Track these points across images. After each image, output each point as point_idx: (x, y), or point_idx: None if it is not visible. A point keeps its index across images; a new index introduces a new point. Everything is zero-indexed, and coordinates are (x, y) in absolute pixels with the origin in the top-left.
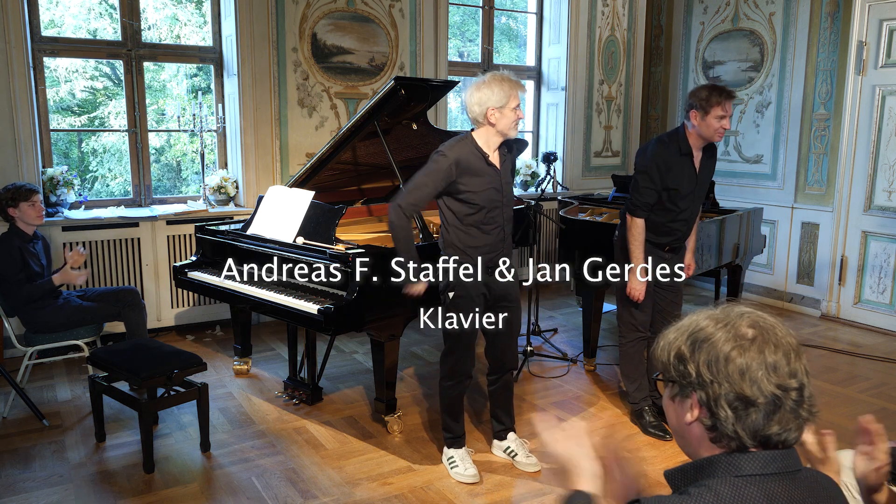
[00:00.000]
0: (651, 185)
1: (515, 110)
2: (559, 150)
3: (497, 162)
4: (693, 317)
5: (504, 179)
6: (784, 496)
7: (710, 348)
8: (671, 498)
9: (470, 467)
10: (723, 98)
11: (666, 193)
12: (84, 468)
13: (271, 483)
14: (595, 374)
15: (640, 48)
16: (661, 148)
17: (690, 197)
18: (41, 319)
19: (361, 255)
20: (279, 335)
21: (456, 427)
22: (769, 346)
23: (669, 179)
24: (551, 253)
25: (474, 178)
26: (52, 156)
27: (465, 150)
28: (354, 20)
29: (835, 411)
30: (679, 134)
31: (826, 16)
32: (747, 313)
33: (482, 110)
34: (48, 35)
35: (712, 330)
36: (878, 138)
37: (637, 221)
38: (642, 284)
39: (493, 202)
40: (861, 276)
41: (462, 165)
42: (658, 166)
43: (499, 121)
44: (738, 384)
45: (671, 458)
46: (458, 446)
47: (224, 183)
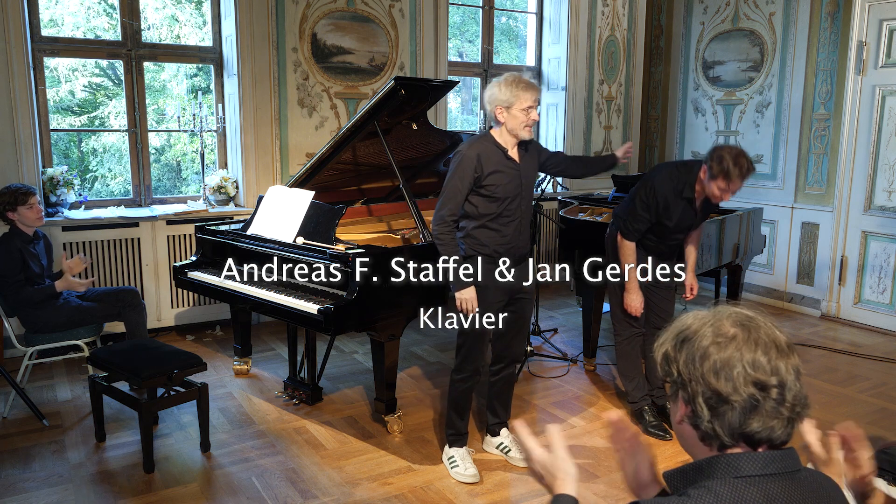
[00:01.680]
0: (647, 215)
1: (526, 112)
2: (559, 150)
3: (517, 157)
4: (685, 316)
5: (524, 174)
6: (783, 497)
7: (689, 346)
8: (671, 499)
9: (470, 467)
10: (734, 176)
11: (658, 226)
12: (84, 468)
13: (271, 483)
14: (595, 374)
15: (640, 48)
16: (669, 186)
17: (683, 227)
18: (41, 319)
19: (361, 255)
20: (279, 335)
21: (460, 424)
22: (749, 343)
23: (665, 216)
24: (551, 253)
25: (495, 170)
26: (52, 156)
27: (484, 145)
28: (354, 20)
29: (835, 411)
30: (690, 179)
31: (826, 16)
32: (735, 312)
33: (492, 108)
34: (48, 35)
35: (697, 328)
36: (878, 138)
37: (627, 244)
38: (638, 300)
39: (513, 195)
40: (861, 276)
41: (483, 159)
42: (658, 202)
43: (507, 120)
44: (712, 381)
45: (671, 458)
46: (459, 445)
47: (224, 183)
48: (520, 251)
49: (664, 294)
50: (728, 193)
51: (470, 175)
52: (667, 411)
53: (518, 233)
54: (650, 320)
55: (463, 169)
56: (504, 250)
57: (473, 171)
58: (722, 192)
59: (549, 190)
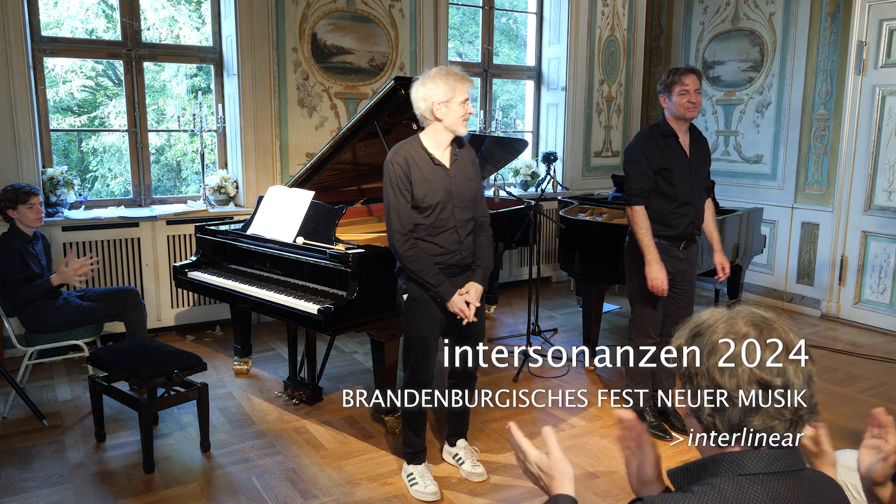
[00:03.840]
0: (641, 171)
1: (463, 105)
2: (559, 150)
3: (447, 161)
4: (703, 313)
5: (453, 179)
6: (787, 495)
7: (700, 341)
8: (675, 496)
9: (430, 484)
10: (679, 74)
11: (659, 176)
12: (84, 468)
13: (271, 483)
14: (595, 374)
15: (640, 48)
16: (643, 136)
17: (687, 177)
18: (41, 319)
19: (361, 255)
20: (279, 335)
21: (416, 441)
22: (760, 343)
23: (658, 160)
24: (551, 253)
25: (421, 178)
26: (52, 156)
27: (410, 150)
28: (354, 20)
29: (835, 411)
30: (659, 122)
31: (826, 16)
32: (752, 312)
33: (427, 106)
34: (48, 35)
35: (711, 323)
36: (878, 138)
37: (637, 209)
38: (661, 272)
39: (443, 202)
40: (861, 276)
41: (409, 165)
42: (644, 151)
43: (445, 116)
44: (717, 376)
45: (671, 458)
46: (417, 462)
47: (224, 183)
48: (463, 261)
49: (684, 303)
50: (692, 94)
51: (404, 185)
52: (667, 412)
53: (458, 243)
54: (665, 330)
55: (392, 177)
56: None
57: (405, 178)
58: (685, 94)
59: (549, 190)
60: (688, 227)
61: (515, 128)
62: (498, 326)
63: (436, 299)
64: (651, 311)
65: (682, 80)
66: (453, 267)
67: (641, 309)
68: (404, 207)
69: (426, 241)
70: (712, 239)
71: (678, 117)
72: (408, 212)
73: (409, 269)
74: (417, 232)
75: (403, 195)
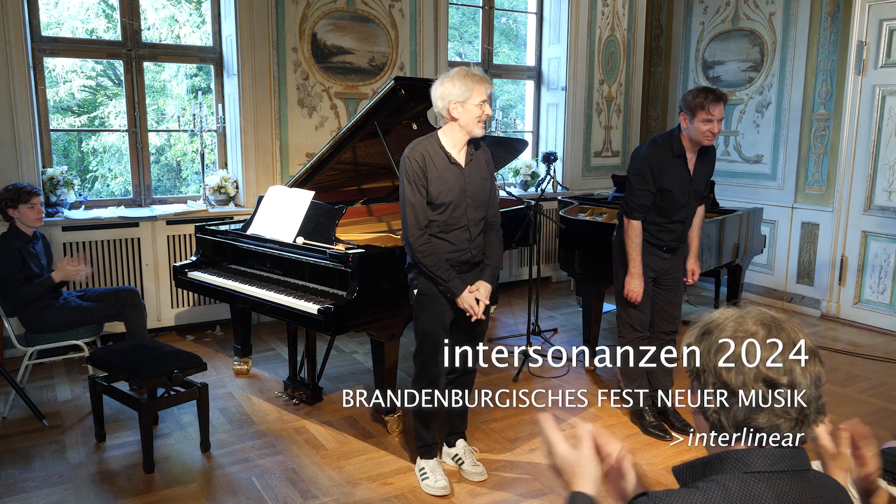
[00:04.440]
0: (645, 187)
1: (480, 106)
2: (559, 150)
3: (462, 161)
4: (715, 311)
5: (467, 179)
6: (793, 494)
7: (709, 338)
8: (679, 491)
9: (441, 479)
10: (708, 102)
11: (660, 195)
12: (84, 468)
13: (271, 483)
14: (595, 374)
15: (640, 48)
16: (655, 149)
17: (685, 199)
18: (41, 319)
19: (361, 255)
20: (279, 335)
21: (427, 435)
22: (768, 342)
23: (662, 181)
24: (551, 253)
25: (437, 175)
26: (52, 156)
27: (428, 147)
28: (354, 20)
29: (835, 411)
30: (673, 135)
31: (826, 16)
32: (762, 312)
33: (444, 104)
34: (48, 35)
35: (721, 321)
36: (878, 138)
37: (633, 224)
38: (639, 286)
39: (457, 201)
40: (861, 276)
41: (426, 161)
42: (651, 167)
43: (461, 115)
44: (723, 374)
45: (671, 458)
46: (429, 456)
47: (224, 183)
48: (472, 259)
49: (670, 297)
50: (715, 123)
51: (420, 176)
52: (667, 412)
53: (469, 241)
54: (655, 324)
55: (409, 172)
56: (455, 261)
57: (422, 171)
58: (708, 123)
59: (549, 190)
60: (673, 240)
61: (515, 128)
62: (498, 326)
63: (445, 294)
64: (637, 305)
65: (710, 109)
66: (463, 265)
67: (627, 305)
68: (420, 203)
69: (438, 238)
70: (692, 244)
71: (695, 142)
72: (423, 207)
73: (421, 263)
74: (430, 229)
75: (419, 190)
